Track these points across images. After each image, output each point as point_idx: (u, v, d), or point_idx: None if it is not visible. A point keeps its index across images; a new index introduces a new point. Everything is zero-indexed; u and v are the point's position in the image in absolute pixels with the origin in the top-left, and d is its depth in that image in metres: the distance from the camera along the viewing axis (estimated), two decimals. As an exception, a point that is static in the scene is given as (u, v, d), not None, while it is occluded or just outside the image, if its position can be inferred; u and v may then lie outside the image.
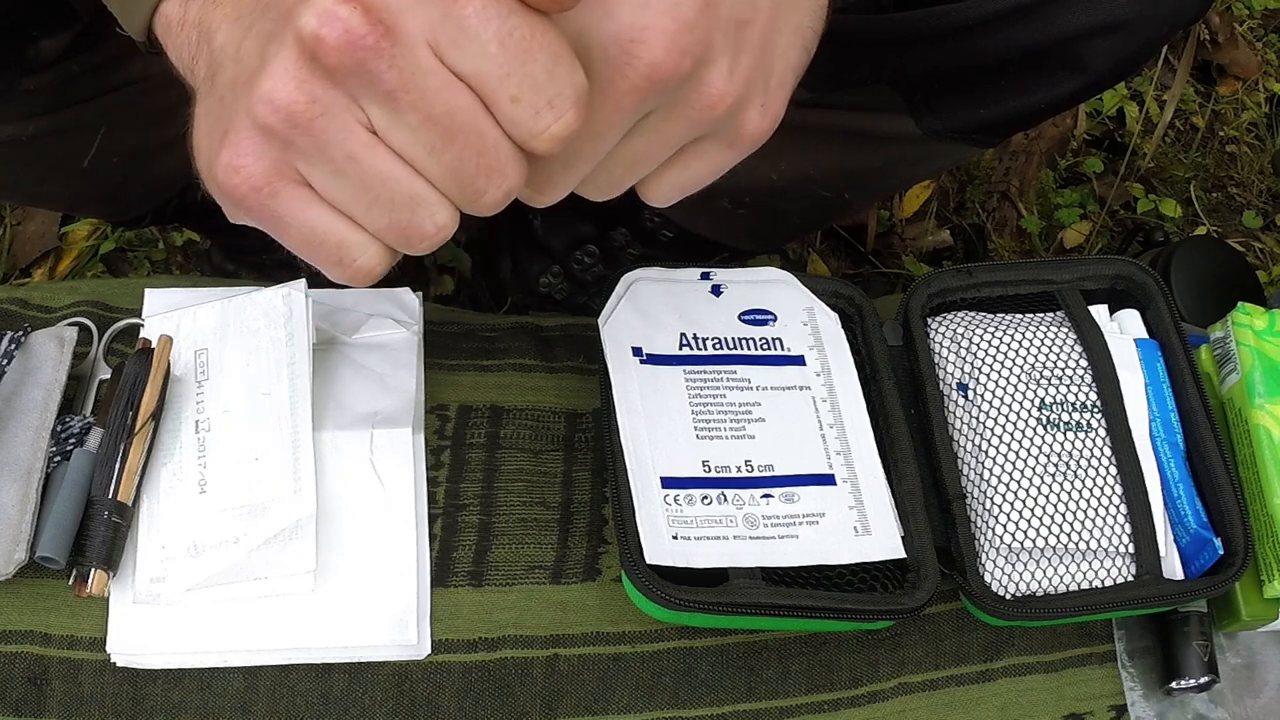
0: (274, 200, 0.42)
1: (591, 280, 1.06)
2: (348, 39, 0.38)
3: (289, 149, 0.41)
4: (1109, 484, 0.66)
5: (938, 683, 0.68)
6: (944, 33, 0.66)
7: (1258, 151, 1.38)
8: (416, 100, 0.39)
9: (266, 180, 0.42)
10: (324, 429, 0.67)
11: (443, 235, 0.43)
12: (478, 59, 0.39)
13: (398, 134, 0.41)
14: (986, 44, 0.66)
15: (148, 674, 0.61)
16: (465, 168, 0.41)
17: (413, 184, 0.42)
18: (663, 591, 0.60)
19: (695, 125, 0.44)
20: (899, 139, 0.77)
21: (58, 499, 0.61)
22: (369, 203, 0.42)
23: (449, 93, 0.39)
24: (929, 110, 0.74)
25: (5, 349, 0.65)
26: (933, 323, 0.72)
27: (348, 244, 0.44)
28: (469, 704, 0.63)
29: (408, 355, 0.71)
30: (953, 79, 0.71)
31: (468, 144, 0.40)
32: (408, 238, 0.43)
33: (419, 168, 0.41)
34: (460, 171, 0.41)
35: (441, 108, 0.40)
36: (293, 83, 0.40)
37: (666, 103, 0.43)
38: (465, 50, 0.39)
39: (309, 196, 0.43)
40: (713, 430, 0.66)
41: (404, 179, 0.41)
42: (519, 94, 0.39)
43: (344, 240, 0.43)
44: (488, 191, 0.41)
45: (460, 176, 0.41)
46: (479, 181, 0.41)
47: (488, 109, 0.40)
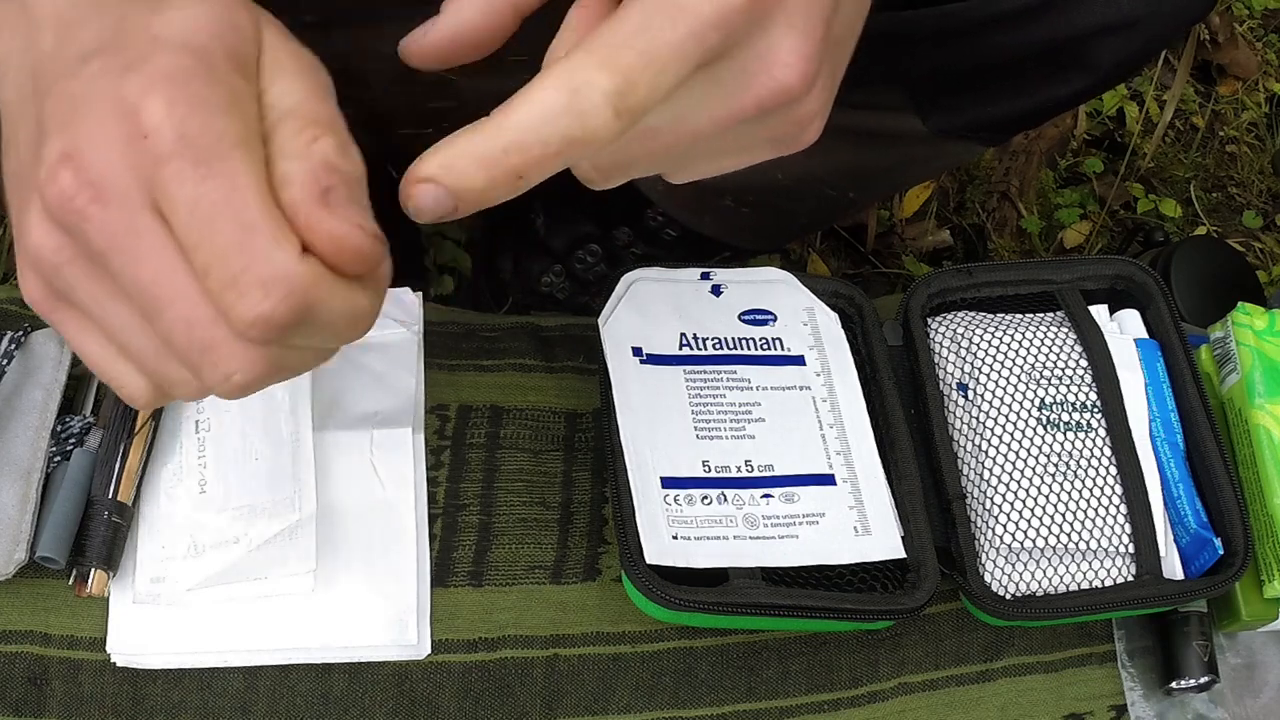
0: (55, 318, 0.41)
1: (594, 280, 1.06)
2: (60, 201, 0.37)
3: (52, 284, 0.40)
4: (1109, 484, 0.66)
5: (938, 683, 0.68)
6: (954, 32, 0.66)
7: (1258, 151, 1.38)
8: (124, 264, 0.37)
9: (44, 300, 0.41)
10: (324, 429, 0.67)
11: (195, 393, 0.41)
12: (176, 225, 0.37)
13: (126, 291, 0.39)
14: (996, 43, 0.67)
15: (148, 674, 0.61)
16: (177, 340, 0.38)
17: (151, 338, 0.39)
18: (663, 591, 0.60)
19: (774, 136, 0.44)
20: (906, 137, 0.77)
21: (58, 499, 0.62)
22: (120, 345, 0.41)
23: (159, 259, 0.37)
24: (936, 108, 0.74)
25: (5, 349, 0.65)
26: (933, 323, 0.72)
27: (116, 376, 0.42)
28: (469, 704, 0.63)
29: (408, 355, 0.71)
30: (961, 78, 0.71)
31: (177, 315, 0.37)
32: (163, 386, 0.41)
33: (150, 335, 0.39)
34: (173, 342, 0.38)
35: (149, 274, 0.37)
36: (41, 231, 0.38)
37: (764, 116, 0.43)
38: (171, 214, 0.37)
39: (86, 322, 0.41)
40: (713, 430, 0.66)
41: (143, 330, 0.39)
42: (207, 266, 0.36)
43: (111, 371, 0.42)
44: (202, 370, 0.38)
45: (174, 347, 0.38)
46: (192, 357, 0.38)
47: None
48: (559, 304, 1.07)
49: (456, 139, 0.37)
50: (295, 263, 0.37)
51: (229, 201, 0.36)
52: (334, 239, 0.38)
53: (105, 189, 0.37)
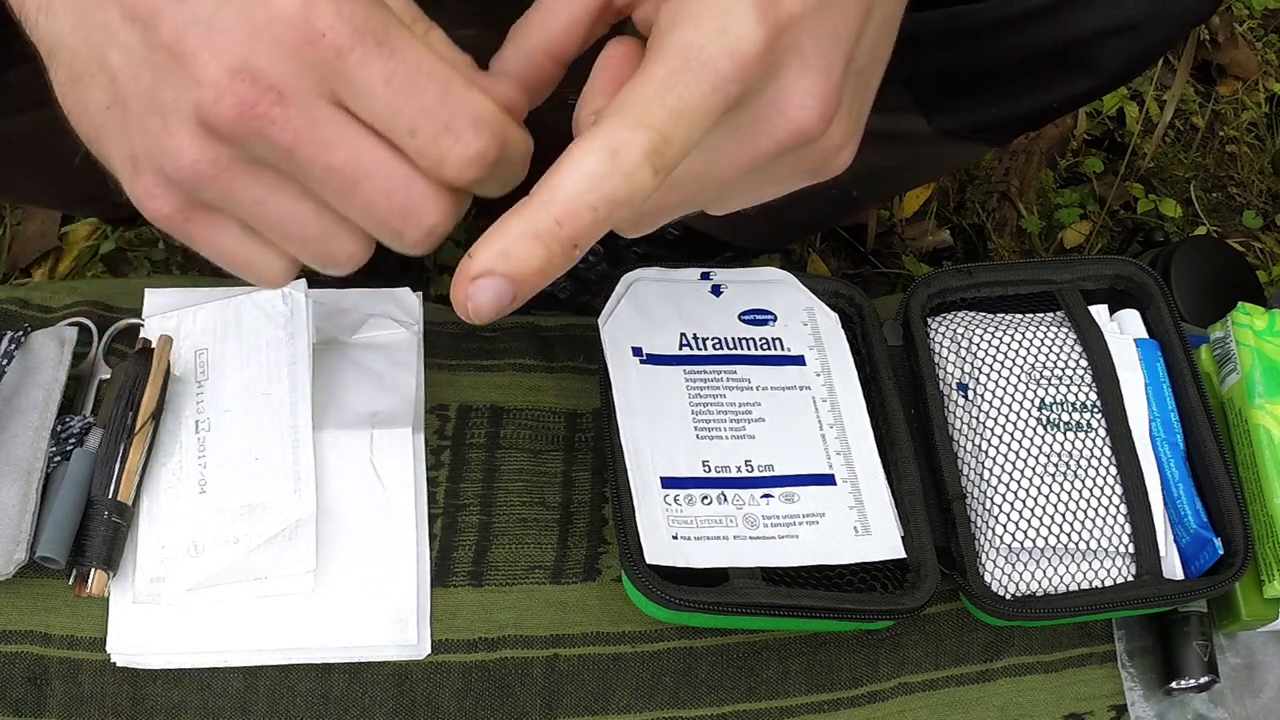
0: (187, 226, 0.43)
1: (594, 279, 1.06)
2: (240, 110, 0.39)
3: (196, 194, 0.42)
4: (1109, 484, 0.66)
5: (938, 683, 0.68)
6: (959, 33, 0.66)
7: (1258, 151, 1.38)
8: (316, 154, 0.40)
9: (178, 213, 0.43)
10: (324, 429, 0.67)
11: (357, 260, 0.44)
12: (370, 103, 0.40)
13: (304, 182, 0.42)
14: (1001, 45, 0.67)
15: (148, 674, 0.61)
16: (377, 210, 0.41)
17: (322, 221, 0.42)
18: (663, 591, 0.60)
19: (801, 170, 0.46)
20: (911, 138, 0.77)
21: (58, 499, 0.62)
22: (280, 236, 0.43)
23: (349, 141, 0.40)
24: (941, 109, 0.74)
25: (5, 349, 0.65)
26: (933, 323, 0.72)
27: (258, 263, 0.45)
28: (469, 704, 0.63)
29: (408, 355, 0.71)
30: (966, 79, 0.71)
31: (375, 187, 0.41)
32: (320, 262, 0.44)
33: (323, 207, 0.42)
34: (372, 213, 0.42)
35: (342, 157, 0.40)
36: (195, 147, 0.40)
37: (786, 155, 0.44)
38: (358, 97, 0.40)
39: (221, 222, 0.44)
40: (713, 430, 0.66)
41: (313, 218, 0.42)
42: (414, 126, 0.40)
43: (254, 261, 0.45)
44: (405, 231, 0.42)
45: (373, 218, 0.42)
46: (394, 222, 0.42)
47: (397, 150, 0.41)
48: (559, 303, 1.07)
49: (504, 223, 0.40)
50: (492, 105, 0.41)
51: (419, 68, 0.40)
52: (502, 96, 0.42)
53: (286, 91, 0.39)
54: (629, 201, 0.39)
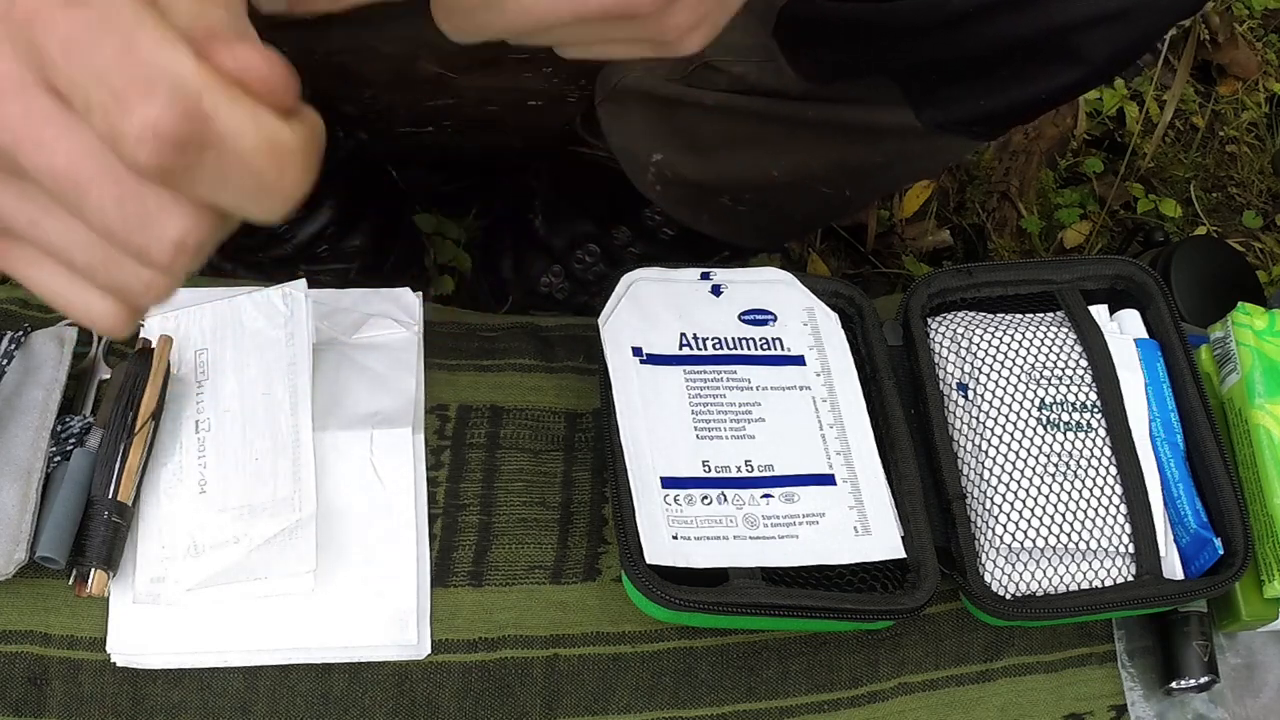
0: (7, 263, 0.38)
1: (593, 279, 1.06)
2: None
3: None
4: (1109, 484, 0.66)
5: (938, 683, 0.68)
6: (943, 22, 0.66)
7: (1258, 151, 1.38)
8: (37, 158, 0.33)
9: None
10: (324, 429, 0.67)
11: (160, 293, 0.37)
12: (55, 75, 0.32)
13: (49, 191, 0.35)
14: (986, 33, 0.66)
15: (148, 674, 0.61)
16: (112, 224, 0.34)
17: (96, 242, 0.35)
18: (663, 591, 0.60)
19: (639, 39, 0.44)
20: (899, 132, 0.77)
21: (58, 499, 0.61)
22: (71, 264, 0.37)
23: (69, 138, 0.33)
24: (928, 102, 0.74)
25: (5, 349, 0.65)
26: (933, 323, 0.72)
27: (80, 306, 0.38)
28: (469, 704, 0.63)
29: (408, 355, 0.71)
30: (952, 69, 0.71)
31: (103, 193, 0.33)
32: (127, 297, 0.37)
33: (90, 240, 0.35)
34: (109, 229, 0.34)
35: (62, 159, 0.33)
36: None
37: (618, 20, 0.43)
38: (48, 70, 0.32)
39: (30, 256, 0.37)
40: (713, 430, 0.66)
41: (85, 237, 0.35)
42: (88, 97, 0.32)
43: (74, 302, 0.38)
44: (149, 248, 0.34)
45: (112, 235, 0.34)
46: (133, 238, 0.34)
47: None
48: (558, 304, 1.07)
49: None
50: (185, 64, 0.32)
51: (102, 23, 0.31)
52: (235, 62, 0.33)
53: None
54: None
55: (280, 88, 0.34)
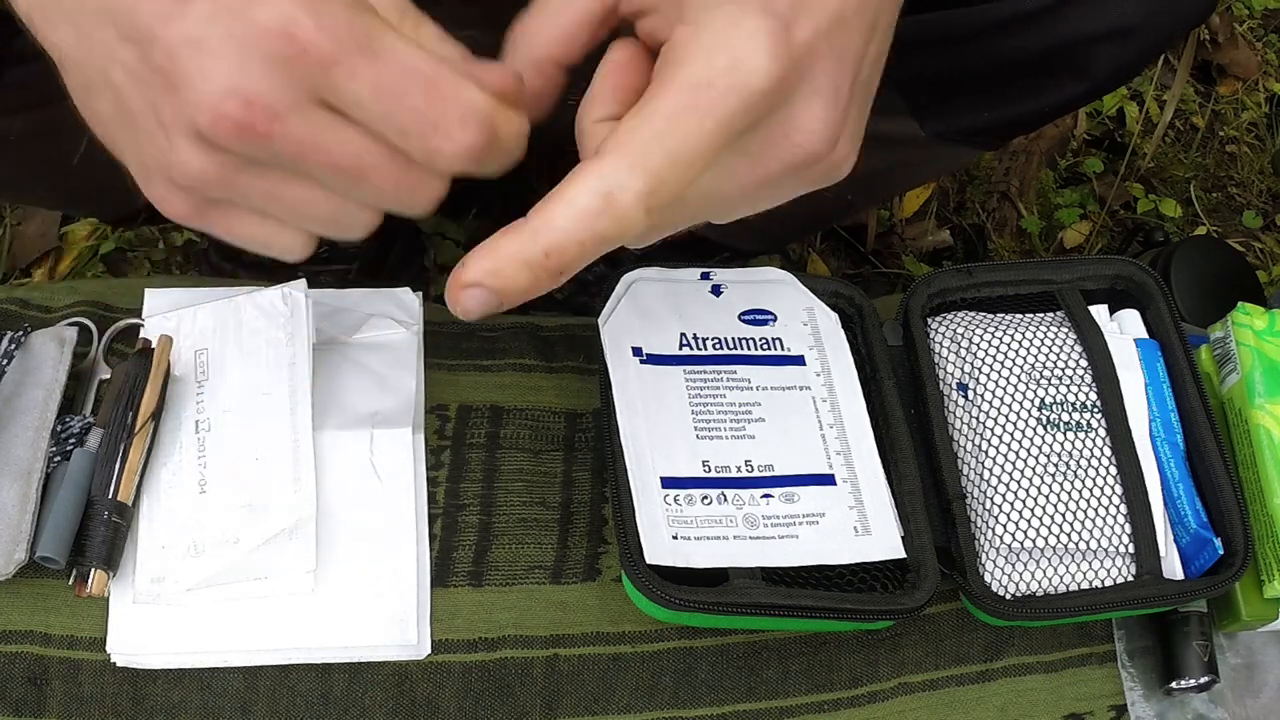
0: (204, 221, 0.45)
1: (593, 279, 1.06)
2: (239, 132, 0.40)
3: (209, 195, 0.44)
4: (1109, 484, 0.66)
5: (938, 683, 0.68)
6: (951, 37, 0.66)
7: (1258, 151, 1.38)
8: (320, 159, 0.42)
9: (194, 211, 0.45)
10: (324, 429, 0.67)
11: (369, 228, 0.46)
12: (360, 110, 0.41)
13: (313, 177, 0.43)
14: (992, 49, 0.67)
15: (148, 674, 0.61)
16: (384, 195, 0.43)
17: (333, 202, 0.44)
18: (663, 591, 0.60)
19: (807, 183, 0.46)
20: (902, 141, 0.77)
21: (58, 499, 0.61)
22: (295, 219, 0.45)
23: (349, 142, 0.41)
24: (933, 113, 0.74)
25: (5, 349, 0.65)
26: (933, 323, 0.72)
27: (277, 242, 0.47)
28: (469, 704, 0.63)
29: (408, 355, 0.71)
30: (958, 83, 0.71)
31: (381, 176, 0.42)
32: (337, 233, 0.46)
33: (337, 202, 0.44)
34: (381, 197, 0.43)
35: (344, 157, 0.42)
36: (199, 159, 0.42)
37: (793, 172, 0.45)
38: (349, 105, 0.41)
39: (237, 213, 0.45)
40: (713, 430, 0.66)
41: (324, 201, 0.44)
42: (404, 128, 0.41)
43: (272, 241, 0.46)
44: (414, 204, 0.44)
45: (381, 200, 0.44)
46: (402, 200, 0.43)
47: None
48: (557, 304, 1.07)
49: (497, 243, 0.41)
50: (480, 97, 0.41)
51: (404, 71, 0.41)
52: (497, 84, 0.42)
53: (279, 108, 0.40)
54: (618, 240, 0.41)
55: (520, 93, 0.44)
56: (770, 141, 0.43)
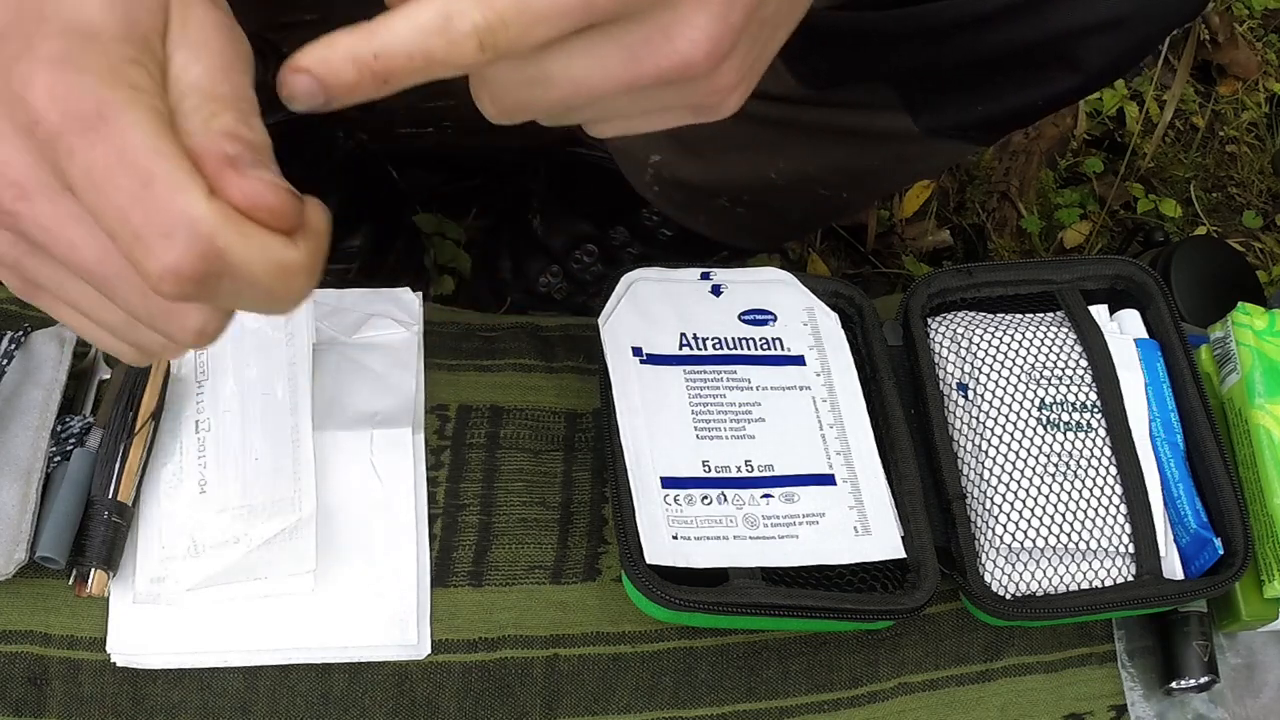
0: (37, 302, 0.42)
1: (591, 280, 1.06)
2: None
3: (19, 274, 0.41)
4: (1109, 484, 0.66)
5: (938, 683, 0.68)
6: (941, 29, 0.66)
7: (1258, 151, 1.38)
8: (66, 253, 0.37)
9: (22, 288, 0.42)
10: (324, 429, 0.67)
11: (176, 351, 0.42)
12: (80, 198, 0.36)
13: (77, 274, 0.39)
14: (984, 41, 0.67)
15: (148, 674, 0.61)
16: (138, 310, 0.38)
17: (114, 311, 0.40)
18: (663, 591, 0.60)
19: (685, 103, 0.44)
20: (897, 137, 0.77)
21: (58, 499, 0.61)
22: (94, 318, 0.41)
23: (93, 240, 0.37)
24: (926, 107, 0.74)
25: (5, 349, 0.65)
26: (933, 323, 0.72)
27: (105, 344, 0.43)
28: (469, 704, 0.63)
29: (408, 355, 0.71)
30: (950, 76, 0.71)
31: (129, 286, 0.37)
32: (144, 350, 0.42)
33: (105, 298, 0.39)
34: (135, 313, 0.39)
35: (89, 256, 0.37)
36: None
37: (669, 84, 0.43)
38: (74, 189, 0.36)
39: (54, 301, 0.42)
40: (713, 430, 0.66)
41: (104, 306, 0.40)
42: (112, 229, 0.35)
43: (100, 340, 0.43)
44: (173, 332, 0.39)
45: (139, 317, 0.39)
46: (158, 323, 0.38)
47: None
48: (557, 304, 1.07)
49: (334, 36, 0.37)
50: (199, 206, 0.35)
51: (120, 159, 0.35)
52: (245, 196, 0.36)
53: (25, 184, 0.36)
54: (446, 64, 0.38)
55: (286, 214, 0.37)
56: (649, 39, 0.41)
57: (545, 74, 0.41)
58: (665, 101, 0.44)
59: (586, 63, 0.41)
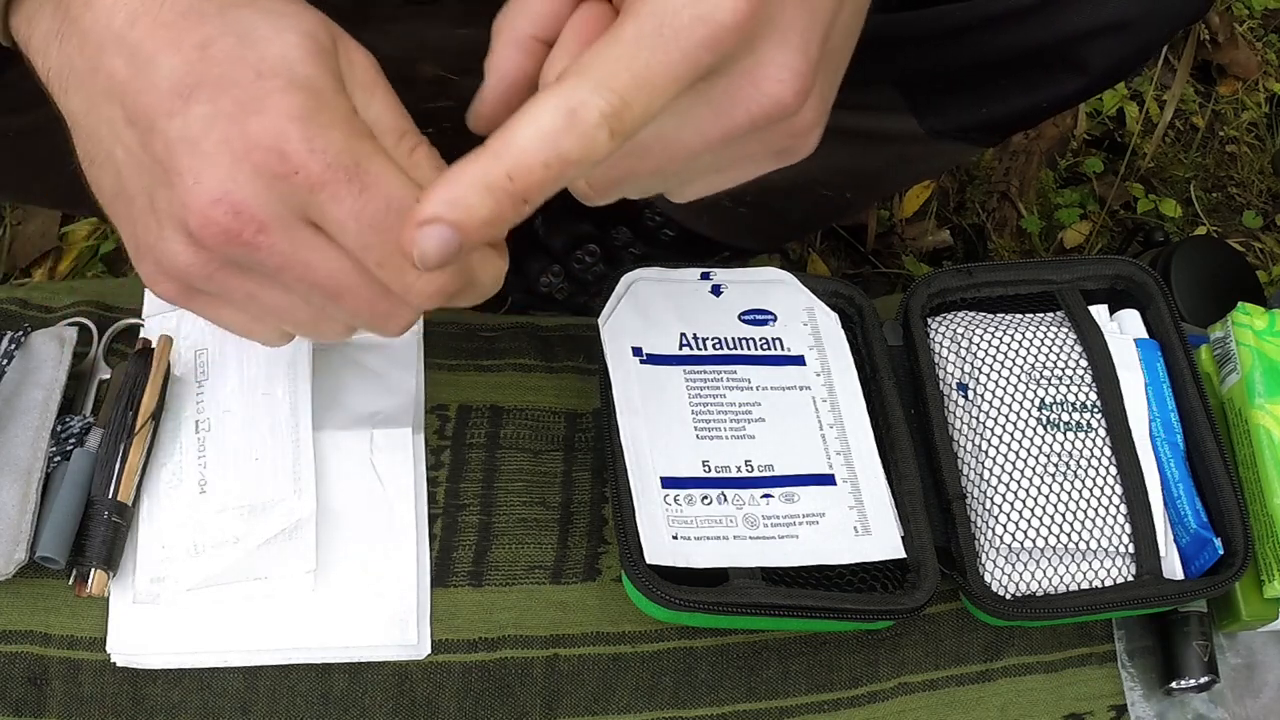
0: (189, 304, 0.47)
1: (592, 280, 1.06)
2: (225, 237, 0.41)
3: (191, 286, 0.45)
4: (1109, 484, 0.66)
5: (938, 683, 0.68)
6: (947, 32, 0.66)
7: (1258, 151, 1.38)
8: (300, 274, 0.43)
9: (180, 294, 0.46)
10: (324, 429, 0.67)
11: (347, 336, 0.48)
12: (342, 235, 0.42)
13: (293, 289, 0.45)
14: (989, 44, 0.67)
15: (148, 674, 0.61)
16: (359, 315, 0.45)
17: (310, 310, 0.46)
18: (663, 591, 0.60)
19: (772, 149, 0.45)
20: (901, 138, 0.77)
21: (58, 499, 0.61)
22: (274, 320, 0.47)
23: (329, 262, 0.43)
24: (931, 109, 0.74)
25: (5, 349, 0.65)
26: (933, 323, 0.72)
27: (255, 332, 0.49)
28: (469, 704, 0.63)
29: (408, 355, 0.71)
30: (955, 78, 0.71)
31: (357, 298, 0.44)
32: (310, 336, 0.49)
33: (314, 312, 0.46)
34: (355, 317, 0.45)
35: (323, 275, 0.43)
36: (186, 253, 0.43)
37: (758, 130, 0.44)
38: (331, 228, 0.42)
39: (220, 303, 0.47)
40: (713, 430, 0.66)
41: (302, 307, 0.46)
42: (381, 260, 0.42)
43: (251, 330, 0.48)
44: (386, 328, 0.45)
45: (354, 320, 0.45)
46: (375, 323, 0.45)
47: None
48: (558, 304, 1.07)
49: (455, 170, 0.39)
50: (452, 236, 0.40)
51: (388, 204, 0.41)
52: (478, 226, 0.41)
53: (266, 221, 0.41)
54: (582, 162, 0.39)
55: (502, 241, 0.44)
56: (736, 89, 0.42)
57: (640, 144, 0.42)
58: (749, 150, 0.45)
59: (679, 124, 0.42)
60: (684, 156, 0.43)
